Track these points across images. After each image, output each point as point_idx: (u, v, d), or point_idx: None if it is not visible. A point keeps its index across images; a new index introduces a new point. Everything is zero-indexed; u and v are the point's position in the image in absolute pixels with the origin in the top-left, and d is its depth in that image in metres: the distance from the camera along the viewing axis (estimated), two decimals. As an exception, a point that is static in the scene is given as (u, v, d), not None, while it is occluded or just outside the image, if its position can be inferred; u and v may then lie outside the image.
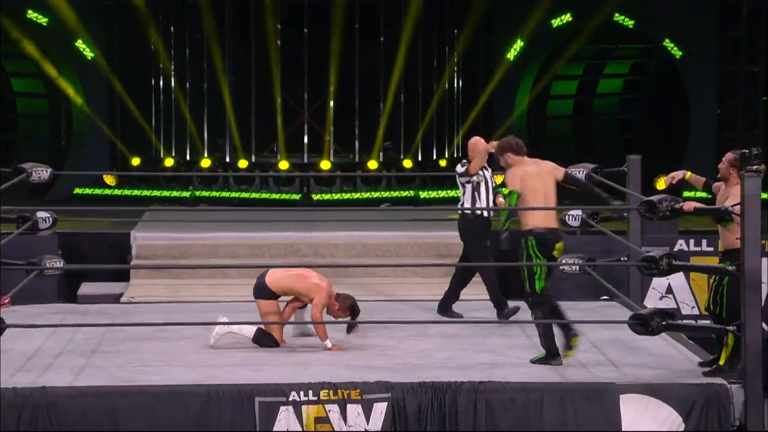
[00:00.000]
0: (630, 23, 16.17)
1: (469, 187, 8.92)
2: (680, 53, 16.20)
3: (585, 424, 6.56)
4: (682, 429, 6.59)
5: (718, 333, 6.95)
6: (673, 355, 7.51)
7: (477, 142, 8.97)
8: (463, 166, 8.96)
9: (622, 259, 9.41)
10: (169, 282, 10.65)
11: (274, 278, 7.76)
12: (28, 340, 7.73)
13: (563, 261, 9.04)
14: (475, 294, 10.16)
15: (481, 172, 8.92)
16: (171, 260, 11.17)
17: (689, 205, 7.09)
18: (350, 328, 7.69)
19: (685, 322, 7.30)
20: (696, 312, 10.27)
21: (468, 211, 8.78)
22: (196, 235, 11.52)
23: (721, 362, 7.00)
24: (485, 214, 8.86)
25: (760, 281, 6.71)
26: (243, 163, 15.72)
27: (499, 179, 8.95)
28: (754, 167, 6.68)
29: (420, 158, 16.19)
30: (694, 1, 16.04)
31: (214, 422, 6.44)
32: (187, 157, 16.09)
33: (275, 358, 7.43)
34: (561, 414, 6.58)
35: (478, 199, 8.93)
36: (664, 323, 6.69)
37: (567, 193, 8.21)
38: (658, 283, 10.36)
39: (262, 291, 7.77)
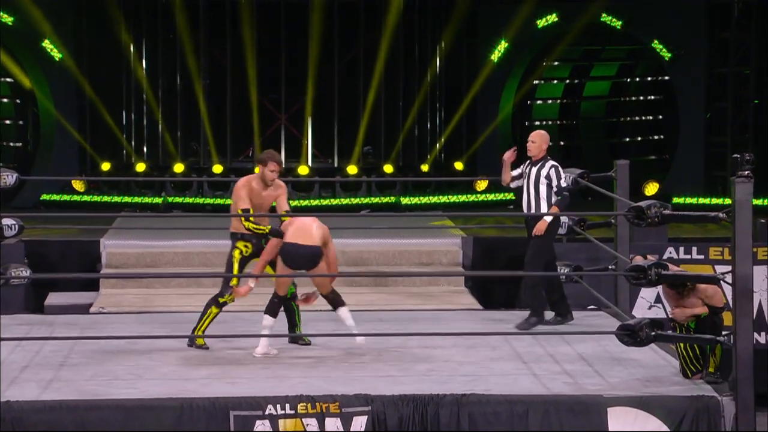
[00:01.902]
0: (617, 24, 16.24)
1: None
2: (669, 55, 16.28)
3: (571, 437, 6.57)
4: (671, 442, 6.62)
5: (708, 344, 6.98)
6: (662, 366, 7.54)
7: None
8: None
9: (609, 267, 9.44)
10: (140, 291, 10.61)
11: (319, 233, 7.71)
12: (-7, 353, 7.68)
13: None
14: (458, 304, 10.18)
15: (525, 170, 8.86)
16: (142, 269, 11.14)
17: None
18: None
19: (675, 332, 7.29)
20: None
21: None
22: (169, 242, 11.49)
23: (711, 369, 7.04)
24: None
25: (751, 289, 6.74)
26: (218, 168, 15.70)
27: None
28: (745, 173, 6.71)
29: (401, 163, 16.20)
30: (683, 1, 16.13)
31: (188, 437, 6.43)
32: (160, 162, 16.04)
33: (251, 370, 7.41)
34: (546, 427, 6.59)
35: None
36: (653, 334, 6.71)
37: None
38: (647, 292, 10.40)
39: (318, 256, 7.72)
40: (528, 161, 8.84)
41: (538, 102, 17.75)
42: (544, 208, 8.63)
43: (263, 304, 7.99)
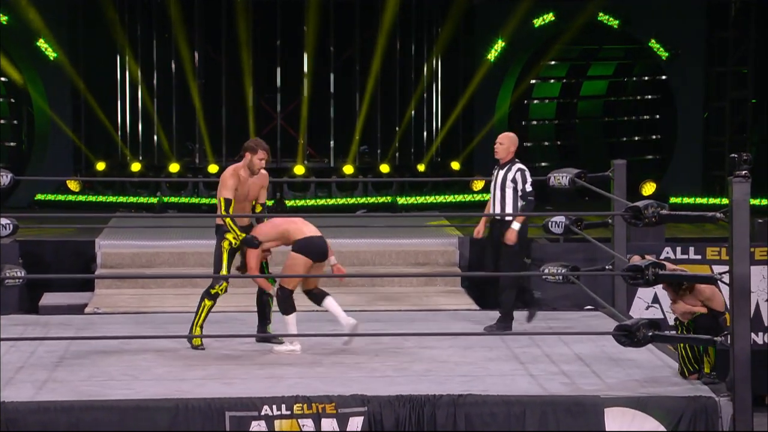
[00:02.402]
0: (615, 23, 16.26)
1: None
2: (666, 54, 16.30)
3: (568, 438, 6.59)
4: (668, 443, 6.63)
5: (705, 344, 7.00)
6: (659, 366, 7.55)
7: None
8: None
9: (606, 267, 9.45)
10: (135, 292, 10.62)
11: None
12: (-12, 353, 7.68)
13: (546, 270, 9.08)
14: (454, 304, 10.19)
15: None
16: (138, 269, 11.15)
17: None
18: None
19: (672, 333, 7.31)
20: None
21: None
22: (164, 243, 11.50)
23: (707, 370, 7.06)
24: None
25: (749, 289, 6.75)
26: (213, 168, 15.69)
27: None
28: (743, 172, 6.72)
29: (398, 163, 16.20)
30: (680, 0, 16.14)
31: (183, 438, 6.44)
32: (155, 162, 16.03)
33: (247, 370, 7.42)
34: (543, 428, 6.60)
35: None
36: (650, 334, 6.72)
37: (550, 199, 8.28)
38: (644, 292, 10.41)
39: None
40: (496, 165, 8.82)
41: (535, 101, 17.76)
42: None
43: (254, 304, 8.03)
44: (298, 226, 7.94)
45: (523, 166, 8.73)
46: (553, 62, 17.30)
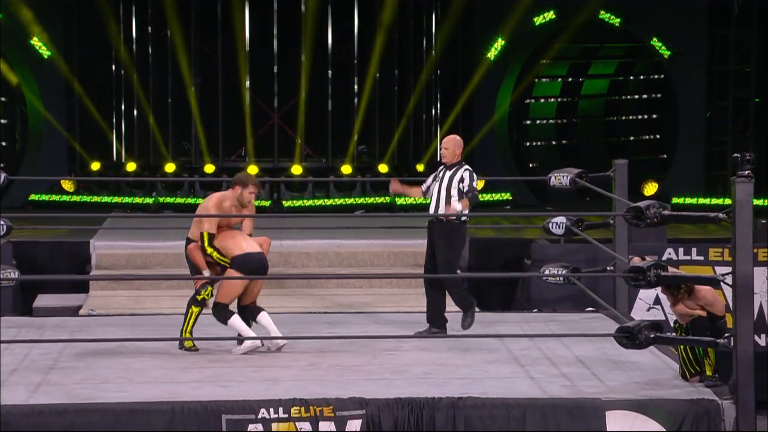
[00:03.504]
0: (616, 21, 16.26)
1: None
2: (668, 53, 16.30)
3: (569, 442, 6.59)
4: (671, 446, 6.63)
5: (707, 346, 7.00)
6: (661, 369, 7.55)
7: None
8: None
9: (608, 269, 9.45)
10: (130, 293, 10.62)
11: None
12: (-19, 356, 7.68)
13: (547, 271, 9.08)
14: (454, 306, 10.18)
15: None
16: (133, 270, 11.15)
17: None
18: None
19: (673, 334, 7.31)
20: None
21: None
22: (160, 243, 11.49)
23: (708, 372, 7.07)
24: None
25: (752, 289, 6.75)
26: (210, 168, 15.69)
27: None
28: (746, 172, 6.72)
29: (396, 163, 16.20)
30: (682, -2, 16.16)
31: (179, 441, 6.43)
32: (151, 162, 16.03)
33: (244, 373, 7.42)
34: (544, 431, 6.59)
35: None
36: (651, 336, 6.72)
37: (550, 200, 8.28)
38: (646, 293, 10.42)
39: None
40: (442, 167, 8.82)
41: (536, 100, 17.77)
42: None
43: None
44: (237, 241, 7.98)
45: (470, 168, 8.74)
46: (553, 61, 17.31)
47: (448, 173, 8.72)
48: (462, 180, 8.62)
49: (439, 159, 16.30)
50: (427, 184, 8.86)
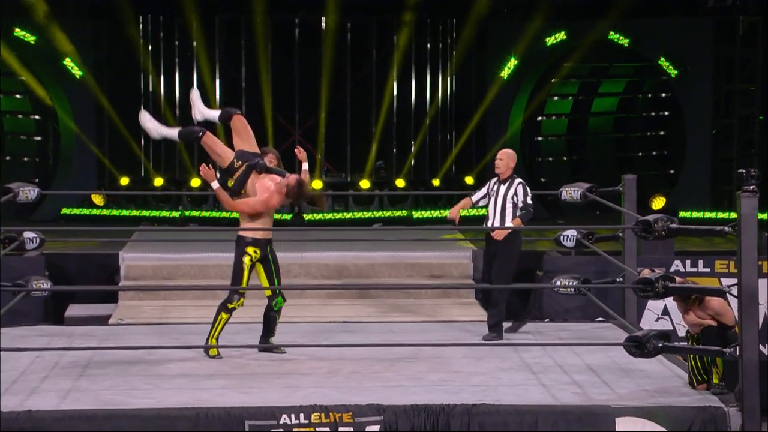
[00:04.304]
0: (625, 42, 16.25)
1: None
2: (675, 72, 16.27)
3: (580, 447, 6.55)
4: (678, 452, 6.59)
5: (714, 356, 6.96)
6: (669, 377, 7.51)
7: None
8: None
9: (617, 280, 9.42)
10: (157, 303, 10.63)
11: None
12: (14, 363, 7.70)
13: (558, 282, 9.05)
14: (468, 316, 10.17)
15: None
16: (160, 281, 11.16)
17: None
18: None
19: (681, 344, 7.28)
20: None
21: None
22: (186, 255, 11.51)
23: (716, 380, 7.03)
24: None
25: (757, 301, 6.72)
26: (232, 183, 15.70)
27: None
28: (751, 187, 6.69)
29: (413, 177, 16.21)
30: (689, 19, 16.12)
31: (204, 446, 6.43)
32: (177, 177, 16.08)
33: (265, 380, 7.41)
34: (555, 437, 6.57)
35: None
36: (660, 345, 6.69)
37: (562, 214, 8.25)
38: (654, 304, 10.37)
39: None
40: (495, 178, 8.81)
41: (547, 118, 17.75)
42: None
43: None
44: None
45: (522, 181, 8.73)
46: (564, 80, 17.29)
47: (503, 187, 8.71)
48: (516, 194, 8.63)
49: (453, 173, 16.52)
50: (478, 196, 8.83)
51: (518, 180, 8.72)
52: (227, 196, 8.00)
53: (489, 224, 8.74)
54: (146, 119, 8.06)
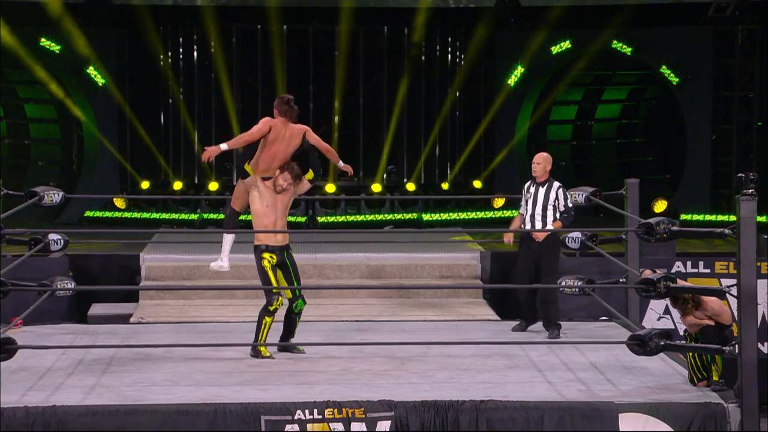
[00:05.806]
0: (628, 50, 16.22)
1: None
2: (676, 80, 16.24)
3: (584, 442, 6.55)
4: (679, 447, 6.58)
5: (714, 354, 6.95)
6: (670, 374, 7.50)
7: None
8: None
9: (620, 280, 9.40)
10: (177, 302, 10.65)
11: None
12: (40, 360, 7.73)
13: (563, 282, 9.04)
14: (476, 315, 10.17)
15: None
16: (179, 281, 11.18)
17: None
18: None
19: (682, 342, 7.26)
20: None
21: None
22: (204, 256, 11.51)
23: (715, 378, 7.01)
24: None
25: (755, 300, 6.70)
26: (250, 187, 15.72)
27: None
28: (750, 191, 6.68)
29: (423, 181, 16.22)
30: (689, 29, 16.10)
31: (221, 440, 6.44)
32: (196, 181, 16.12)
33: (281, 377, 7.42)
34: (561, 432, 6.57)
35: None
36: (661, 343, 6.69)
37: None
38: (656, 304, 10.36)
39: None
40: (531, 182, 8.80)
41: (553, 124, 17.73)
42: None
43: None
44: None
45: (560, 184, 8.74)
46: (569, 87, 17.28)
47: (542, 190, 8.71)
48: (557, 198, 8.64)
49: (462, 177, 16.51)
50: (523, 207, 8.80)
51: (557, 183, 8.73)
52: (237, 139, 8.17)
53: (529, 226, 8.71)
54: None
